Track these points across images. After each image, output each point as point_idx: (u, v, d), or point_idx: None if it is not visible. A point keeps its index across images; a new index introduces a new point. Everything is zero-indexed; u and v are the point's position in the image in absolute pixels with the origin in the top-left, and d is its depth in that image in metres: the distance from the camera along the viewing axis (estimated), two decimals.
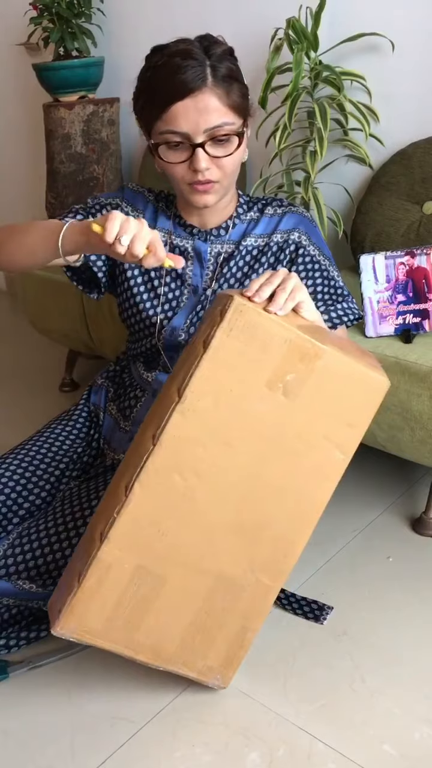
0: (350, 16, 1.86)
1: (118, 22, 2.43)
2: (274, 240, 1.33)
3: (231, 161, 1.20)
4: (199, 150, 1.17)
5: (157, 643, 1.10)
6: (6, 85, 2.92)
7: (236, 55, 1.23)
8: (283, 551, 1.09)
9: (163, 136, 1.18)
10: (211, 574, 1.08)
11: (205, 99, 1.15)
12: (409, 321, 1.48)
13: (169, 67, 1.15)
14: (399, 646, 1.28)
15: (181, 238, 1.36)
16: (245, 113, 1.22)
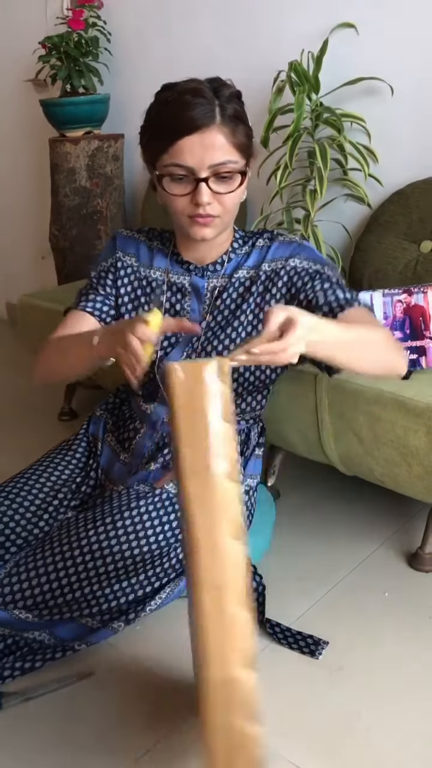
0: (350, 60, 1.92)
1: (124, 62, 2.50)
2: (262, 269, 1.35)
3: (232, 198, 1.23)
4: (202, 185, 1.20)
5: None
6: (14, 120, 2.97)
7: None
8: None
9: (168, 169, 1.22)
10: None
11: (211, 136, 1.18)
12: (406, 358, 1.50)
13: (179, 104, 1.19)
14: (395, 683, 1.27)
15: (178, 275, 1.38)
16: (248, 154, 1.25)
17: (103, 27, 2.40)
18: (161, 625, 1.39)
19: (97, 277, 1.42)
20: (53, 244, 2.52)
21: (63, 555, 1.26)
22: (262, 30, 2.10)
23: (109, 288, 1.40)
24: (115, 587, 1.27)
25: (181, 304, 1.38)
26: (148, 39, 2.41)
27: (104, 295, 1.40)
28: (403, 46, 1.84)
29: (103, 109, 2.44)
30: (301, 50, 1.90)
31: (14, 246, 3.30)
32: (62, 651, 1.30)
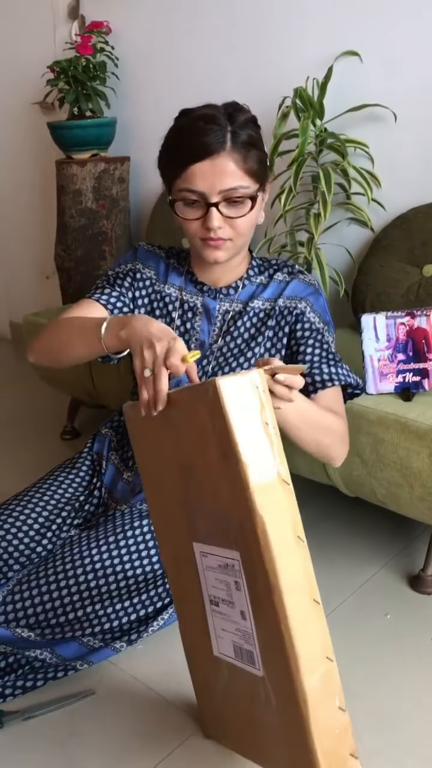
0: (355, 87, 1.95)
1: (131, 86, 2.53)
2: (278, 304, 1.37)
3: (243, 222, 1.25)
4: (212, 209, 1.22)
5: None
6: (21, 141, 3.01)
7: None
8: None
9: (181, 194, 1.24)
10: None
11: (222, 162, 1.20)
12: (409, 380, 1.52)
13: (192, 130, 1.22)
14: (398, 706, 1.27)
15: (191, 294, 1.40)
16: (262, 179, 1.27)
17: (111, 52, 2.44)
18: (163, 645, 1.39)
19: (115, 276, 1.42)
20: (58, 264, 2.54)
21: (66, 573, 1.26)
22: (268, 57, 2.13)
23: (125, 289, 1.40)
24: (117, 606, 1.27)
25: (191, 323, 1.40)
26: (155, 64, 2.45)
27: (119, 292, 1.39)
28: (406, 74, 1.87)
29: (110, 132, 2.47)
30: (306, 77, 1.94)
31: (19, 265, 3.33)
32: (64, 670, 1.30)
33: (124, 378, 1.87)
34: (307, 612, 0.92)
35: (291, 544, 0.92)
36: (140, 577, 1.28)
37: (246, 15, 2.15)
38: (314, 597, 0.93)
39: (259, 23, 2.13)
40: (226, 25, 2.21)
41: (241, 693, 1.05)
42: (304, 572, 0.92)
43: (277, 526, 0.91)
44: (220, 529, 0.98)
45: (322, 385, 1.32)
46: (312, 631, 0.92)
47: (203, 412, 0.93)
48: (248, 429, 0.90)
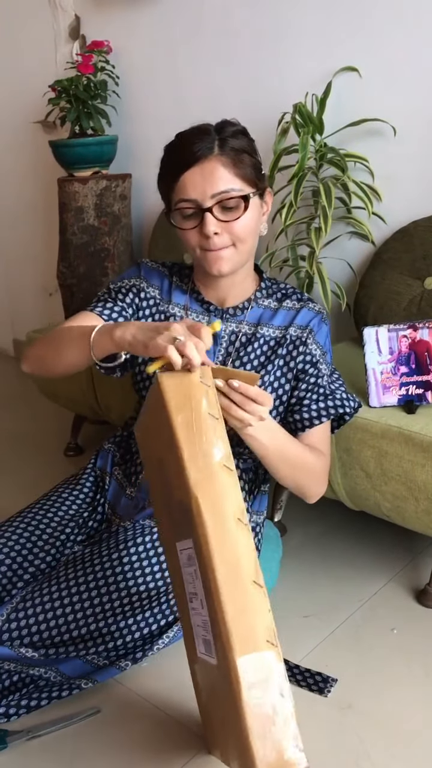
0: (354, 102, 1.96)
1: (132, 104, 2.55)
2: (290, 332, 1.37)
3: (240, 226, 1.25)
4: (207, 214, 1.23)
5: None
6: (23, 160, 3.03)
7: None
8: None
9: (177, 206, 1.26)
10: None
11: (211, 167, 1.23)
12: (412, 392, 1.51)
13: (181, 144, 1.26)
14: (405, 721, 1.25)
15: (196, 314, 1.39)
16: (256, 184, 1.28)
17: (112, 71, 2.46)
18: (168, 663, 1.38)
19: (117, 290, 1.41)
20: (61, 281, 2.54)
21: (69, 590, 1.25)
22: (267, 73, 2.15)
23: (126, 305, 1.39)
24: (121, 624, 1.27)
25: None
26: (156, 82, 2.47)
27: (121, 307, 1.38)
28: (405, 89, 1.89)
29: (111, 149, 2.49)
30: (306, 92, 1.95)
31: (22, 283, 3.34)
32: (68, 689, 1.29)
33: (128, 394, 1.87)
34: (245, 594, 0.91)
35: (229, 525, 0.94)
36: (143, 594, 1.27)
37: (245, 32, 2.17)
38: (255, 579, 0.93)
39: (258, 40, 2.15)
40: (225, 42, 2.23)
41: (215, 693, 1.03)
42: (244, 554, 0.93)
43: (214, 507, 0.94)
44: (183, 520, 1.00)
45: (309, 423, 1.35)
46: (250, 613, 0.91)
47: (159, 407, 1.00)
48: (188, 418, 0.97)
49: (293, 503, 1.86)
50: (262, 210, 1.31)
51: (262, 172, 1.30)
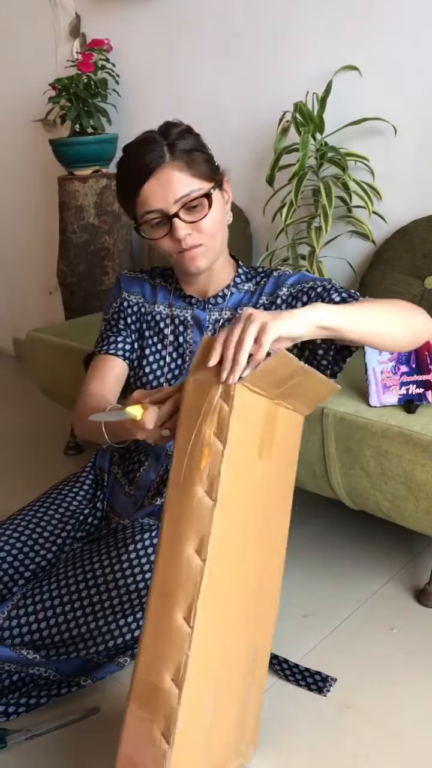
0: (354, 101, 1.96)
1: (132, 102, 2.55)
2: (281, 294, 1.36)
3: (208, 223, 1.26)
4: (175, 220, 1.24)
5: (228, 750, 1.05)
6: (23, 158, 3.03)
7: (246, 135, 1.31)
8: (270, 603, 1.11)
9: (143, 218, 1.27)
10: (243, 663, 1.05)
11: (166, 174, 1.23)
12: (412, 392, 1.51)
13: (132, 157, 1.26)
14: (404, 722, 1.25)
15: (180, 309, 1.42)
16: (213, 178, 1.28)
17: (112, 69, 2.46)
18: None
19: (111, 320, 1.46)
20: (61, 279, 2.54)
21: (69, 588, 1.25)
22: (268, 72, 2.15)
23: (130, 330, 1.45)
24: (120, 622, 1.27)
25: (183, 336, 1.41)
26: (156, 81, 2.46)
27: (124, 335, 1.44)
28: (405, 87, 1.88)
29: (111, 148, 2.49)
30: (306, 92, 1.95)
31: (22, 282, 3.34)
32: (68, 687, 1.29)
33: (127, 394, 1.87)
34: (164, 621, 0.92)
35: (181, 550, 0.93)
36: (143, 591, 1.27)
37: (245, 31, 2.17)
38: (183, 612, 0.91)
39: (258, 39, 2.15)
40: (225, 41, 2.23)
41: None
42: (186, 584, 0.92)
43: (174, 526, 0.96)
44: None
45: (352, 299, 1.26)
46: (163, 640, 0.92)
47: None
48: (190, 429, 0.95)
49: (293, 503, 1.86)
50: (224, 200, 1.32)
51: (215, 164, 1.31)
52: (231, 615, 0.98)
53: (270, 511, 1.05)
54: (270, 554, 1.07)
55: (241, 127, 2.19)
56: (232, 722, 1.04)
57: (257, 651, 1.09)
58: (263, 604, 1.08)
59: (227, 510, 0.92)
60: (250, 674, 1.08)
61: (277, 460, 1.04)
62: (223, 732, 1.01)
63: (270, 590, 1.09)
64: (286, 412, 1.04)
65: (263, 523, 1.04)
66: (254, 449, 0.99)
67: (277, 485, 1.05)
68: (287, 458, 1.07)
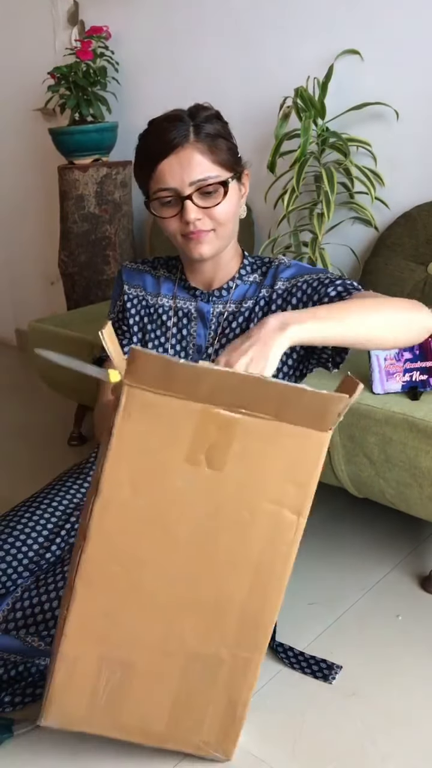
0: (356, 86, 1.94)
1: (132, 90, 2.53)
2: (277, 288, 1.35)
3: (220, 211, 1.25)
4: (187, 202, 1.22)
5: (144, 725, 1.10)
6: (23, 148, 3.02)
7: (247, 121, 1.30)
8: (253, 623, 1.05)
9: (156, 195, 1.25)
10: (179, 655, 1.06)
11: (188, 155, 1.22)
12: (416, 378, 1.50)
13: (156, 132, 1.24)
14: (410, 708, 1.25)
15: (184, 301, 1.40)
16: (233, 168, 1.27)
17: (111, 57, 2.44)
18: None
19: (116, 320, 1.45)
20: (62, 270, 2.54)
21: None
22: (268, 57, 2.13)
23: (125, 330, 1.44)
24: None
25: (187, 329, 1.39)
26: (155, 68, 2.45)
27: (127, 342, 1.43)
28: (408, 71, 1.87)
29: (112, 137, 2.47)
30: (307, 76, 1.93)
31: (23, 272, 3.33)
32: None
33: None
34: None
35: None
36: None
37: (245, 16, 2.15)
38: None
39: (258, 24, 2.13)
40: (225, 27, 2.21)
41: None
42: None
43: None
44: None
45: (347, 294, 1.22)
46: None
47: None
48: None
49: None
50: (240, 193, 1.31)
51: (238, 155, 1.29)
52: (150, 608, 1.03)
53: (227, 520, 0.99)
54: (223, 570, 1.02)
55: (242, 113, 2.17)
56: (164, 706, 1.09)
57: (225, 658, 1.07)
58: (231, 616, 1.05)
59: (118, 504, 0.97)
60: (205, 677, 1.07)
61: (237, 470, 0.97)
62: (144, 706, 1.08)
63: (245, 606, 1.04)
64: (258, 423, 0.95)
65: (215, 528, 1.00)
66: (174, 453, 0.95)
67: (243, 496, 0.98)
68: (267, 472, 0.98)
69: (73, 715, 1.08)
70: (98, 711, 1.08)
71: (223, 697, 1.09)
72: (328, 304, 1.13)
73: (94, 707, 1.07)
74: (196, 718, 1.10)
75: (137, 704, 1.08)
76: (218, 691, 1.08)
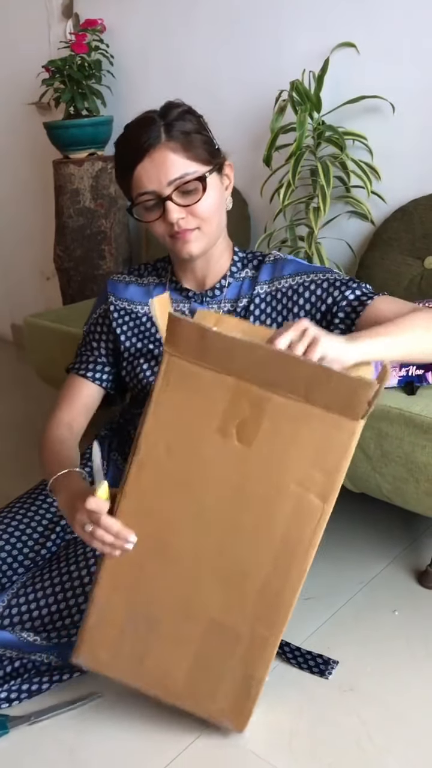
0: (352, 79, 1.93)
1: (127, 84, 2.52)
2: (282, 285, 1.34)
3: (203, 207, 1.23)
4: (168, 203, 1.21)
5: (163, 680, 1.14)
6: (18, 142, 3.00)
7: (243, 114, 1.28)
8: (273, 601, 1.07)
9: (137, 200, 1.25)
10: (201, 620, 1.10)
11: (161, 155, 1.20)
12: (412, 373, 1.50)
13: (130, 136, 1.24)
14: (406, 703, 1.25)
15: (177, 303, 1.38)
16: (211, 161, 1.25)
17: (106, 50, 2.43)
18: None
19: (89, 332, 1.45)
20: (58, 264, 2.53)
21: (70, 575, 1.25)
22: (263, 50, 2.12)
23: (104, 342, 1.42)
24: None
25: None
26: (151, 61, 2.43)
27: (101, 356, 1.43)
28: (404, 65, 1.86)
29: (107, 130, 2.46)
30: (303, 70, 1.92)
31: (19, 267, 3.32)
32: (69, 672, 1.29)
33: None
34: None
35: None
36: None
37: (241, 9, 2.14)
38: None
39: (253, 16, 2.11)
40: (220, 19, 2.19)
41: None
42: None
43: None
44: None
45: (361, 304, 1.24)
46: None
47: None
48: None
49: None
50: (223, 184, 1.29)
51: (215, 147, 1.28)
52: (177, 569, 1.08)
53: (252, 494, 1.02)
54: (248, 542, 1.05)
55: (238, 106, 2.16)
56: (182, 666, 1.13)
57: (244, 632, 1.09)
58: (253, 591, 1.07)
59: (153, 463, 1.02)
60: (223, 646, 1.11)
61: (265, 448, 0.99)
62: (165, 662, 1.14)
63: (267, 583, 1.06)
64: (288, 404, 0.96)
65: (240, 500, 1.02)
66: (207, 423, 0.99)
67: (269, 474, 1.00)
68: (296, 454, 0.99)
69: (100, 658, 1.15)
70: (123, 659, 1.14)
71: (240, 670, 1.12)
72: (386, 326, 1.13)
73: (119, 654, 1.14)
74: (212, 686, 1.13)
75: (158, 660, 1.13)
76: (235, 663, 1.11)
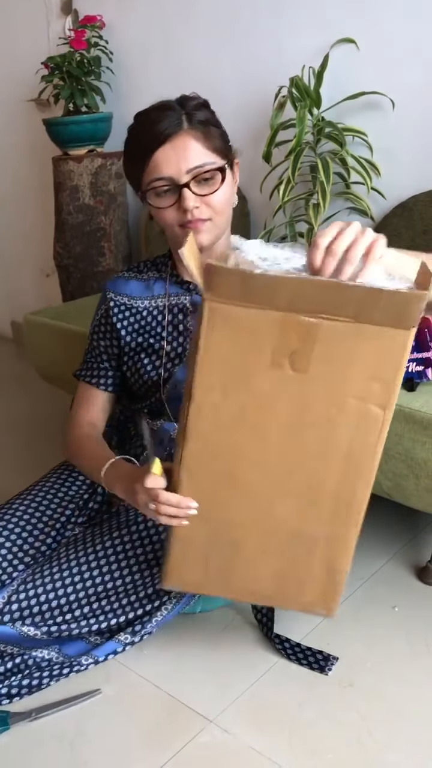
0: (351, 75, 1.93)
1: (127, 80, 2.52)
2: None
3: (218, 199, 1.24)
4: (185, 190, 1.21)
5: (253, 588, 1.20)
6: (17, 139, 3.00)
7: (242, 111, 1.28)
8: (346, 503, 1.10)
9: (151, 185, 1.24)
10: (281, 533, 1.13)
11: (183, 142, 1.21)
12: (413, 369, 1.50)
13: (147, 121, 1.24)
14: (406, 699, 1.26)
15: (178, 296, 1.38)
16: (227, 155, 1.27)
17: (105, 46, 2.42)
18: (169, 645, 1.38)
19: (94, 337, 1.45)
20: (57, 261, 2.52)
21: (71, 571, 1.25)
22: (263, 46, 2.12)
23: (108, 344, 1.43)
24: (123, 602, 1.28)
25: (183, 324, 1.38)
26: (150, 57, 2.43)
27: (104, 361, 1.44)
28: (404, 61, 1.85)
29: (106, 127, 2.46)
30: (302, 66, 1.92)
31: (18, 264, 3.32)
32: (69, 667, 1.30)
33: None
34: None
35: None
36: (146, 572, 1.27)
37: (240, 4, 2.13)
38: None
39: (253, 13, 2.11)
40: (220, 15, 2.19)
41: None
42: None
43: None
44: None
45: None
46: None
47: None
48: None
49: None
50: (234, 181, 1.30)
51: (229, 142, 1.29)
52: (251, 496, 1.10)
53: (315, 417, 1.04)
54: (314, 460, 1.08)
55: (237, 102, 2.16)
56: (268, 574, 1.17)
57: (322, 533, 1.13)
58: (326, 499, 1.11)
59: (210, 406, 1.03)
60: (304, 550, 1.14)
61: (320, 371, 1.01)
62: (252, 573, 1.18)
63: (338, 488, 1.10)
64: (339, 326, 0.97)
65: (304, 425, 1.05)
66: (258, 360, 1.00)
67: (328, 395, 1.03)
68: (350, 371, 1.01)
69: (189, 582, 1.20)
70: (211, 579, 1.19)
71: (323, 566, 1.15)
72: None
73: (207, 576, 1.18)
74: (300, 584, 1.18)
75: (246, 574, 1.18)
76: (318, 561, 1.15)
